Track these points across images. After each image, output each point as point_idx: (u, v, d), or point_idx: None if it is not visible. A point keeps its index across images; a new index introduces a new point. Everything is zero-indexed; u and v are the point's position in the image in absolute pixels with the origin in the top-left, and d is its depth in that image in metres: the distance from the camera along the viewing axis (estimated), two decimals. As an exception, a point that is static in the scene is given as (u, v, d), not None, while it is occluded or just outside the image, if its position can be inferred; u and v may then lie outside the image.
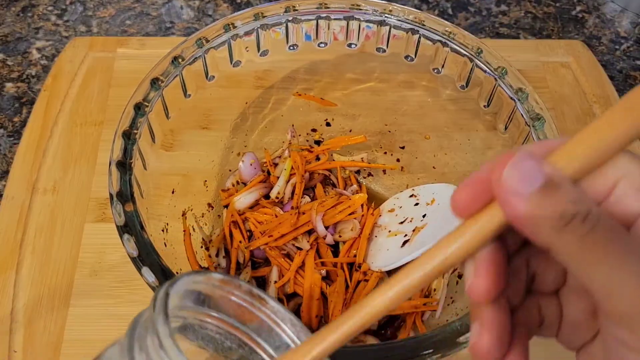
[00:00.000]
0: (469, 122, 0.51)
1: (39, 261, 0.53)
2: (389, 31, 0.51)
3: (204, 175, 0.54)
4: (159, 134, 0.46)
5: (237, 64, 0.50)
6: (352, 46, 0.52)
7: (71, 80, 0.66)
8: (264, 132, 0.57)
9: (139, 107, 0.43)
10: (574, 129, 0.63)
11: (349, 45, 0.52)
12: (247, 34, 0.49)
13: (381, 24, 0.50)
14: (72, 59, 0.67)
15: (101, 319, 0.50)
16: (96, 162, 0.60)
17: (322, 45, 0.52)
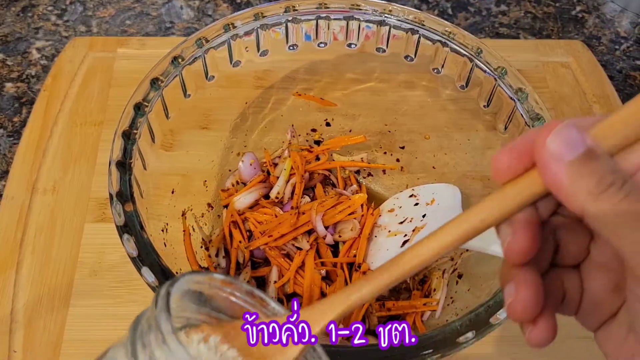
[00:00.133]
0: (469, 122, 0.51)
1: (39, 261, 0.53)
2: (389, 31, 0.50)
3: (204, 175, 0.54)
4: (159, 134, 0.46)
5: (237, 64, 0.50)
6: (352, 46, 0.52)
7: (71, 80, 0.66)
8: (264, 132, 0.57)
9: (139, 107, 0.43)
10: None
11: (349, 45, 0.52)
12: (247, 34, 0.49)
13: (381, 24, 0.50)
14: (72, 59, 0.68)
15: (101, 319, 0.50)
16: (96, 162, 0.60)
17: (322, 45, 0.52)
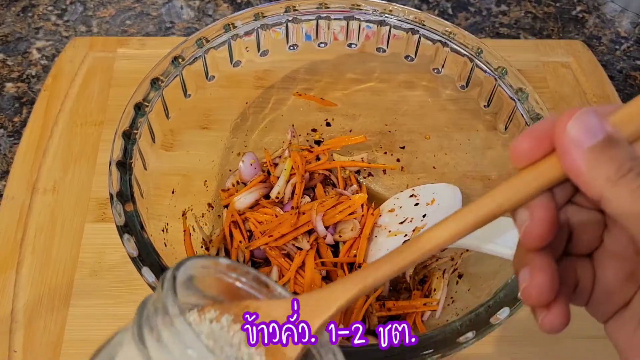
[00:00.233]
0: (469, 122, 0.51)
1: (39, 261, 0.53)
2: (389, 31, 0.50)
3: (204, 175, 0.54)
4: (159, 134, 0.46)
5: (237, 64, 0.50)
6: (352, 46, 0.52)
7: (71, 80, 0.66)
8: (264, 132, 0.57)
9: (139, 107, 0.43)
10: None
11: (349, 45, 0.52)
12: (247, 34, 0.49)
13: (381, 24, 0.50)
14: (72, 59, 0.67)
15: (101, 319, 0.50)
16: (96, 162, 0.60)
17: (322, 45, 0.52)
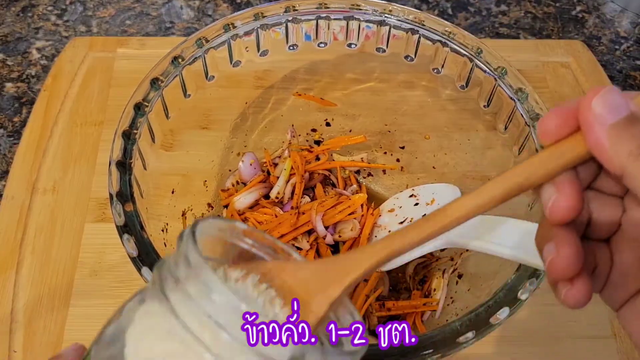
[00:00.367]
0: (469, 122, 0.51)
1: (39, 261, 0.53)
2: (389, 31, 0.50)
3: (204, 175, 0.54)
4: (159, 134, 0.46)
5: (237, 64, 0.50)
6: (352, 46, 0.52)
7: (71, 80, 0.66)
8: (264, 132, 0.57)
9: (139, 107, 0.43)
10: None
11: (349, 45, 0.52)
12: (247, 34, 0.49)
13: (381, 24, 0.50)
14: (72, 59, 0.68)
15: (101, 319, 0.49)
16: (96, 162, 0.60)
17: (322, 45, 0.52)
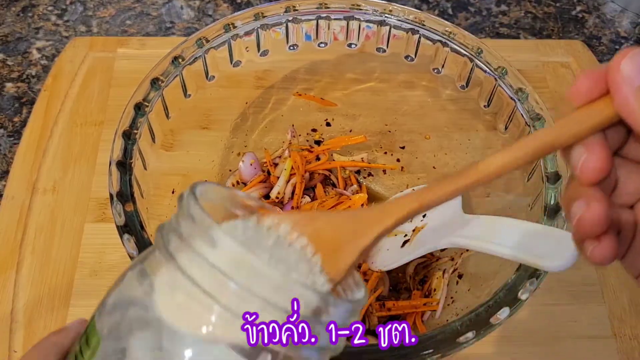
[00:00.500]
0: (469, 122, 0.51)
1: (39, 261, 0.53)
2: (389, 31, 0.50)
3: (204, 175, 0.54)
4: (159, 134, 0.46)
5: (237, 64, 0.50)
6: (352, 46, 0.52)
7: (71, 80, 0.66)
8: (264, 132, 0.57)
9: (139, 107, 0.43)
10: (574, 129, 0.63)
11: (349, 45, 0.52)
12: (247, 34, 0.49)
13: (381, 24, 0.50)
14: (72, 59, 0.67)
15: (101, 319, 0.50)
16: (96, 162, 0.60)
17: (322, 45, 0.52)
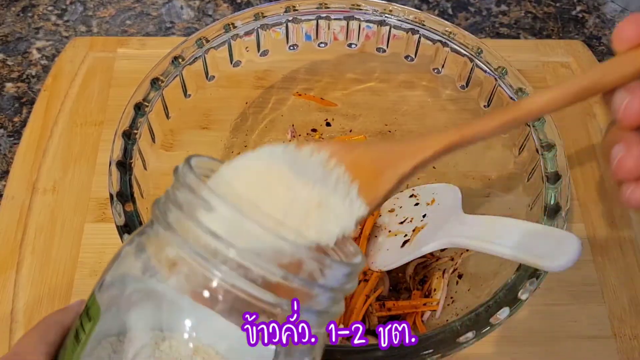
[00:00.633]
0: (469, 122, 0.51)
1: (39, 261, 0.53)
2: (389, 31, 0.50)
3: (204, 175, 0.54)
4: (159, 134, 0.46)
5: (237, 64, 0.50)
6: (352, 46, 0.52)
7: (71, 80, 0.66)
8: (264, 132, 0.57)
9: (139, 107, 0.43)
10: (574, 129, 0.63)
11: (349, 45, 0.52)
12: (247, 34, 0.49)
13: (381, 24, 0.50)
14: (72, 59, 0.67)
15: (101, 319, 0.50)
16: (96, 162, 0.60)
17: (322, 45, 0.52)
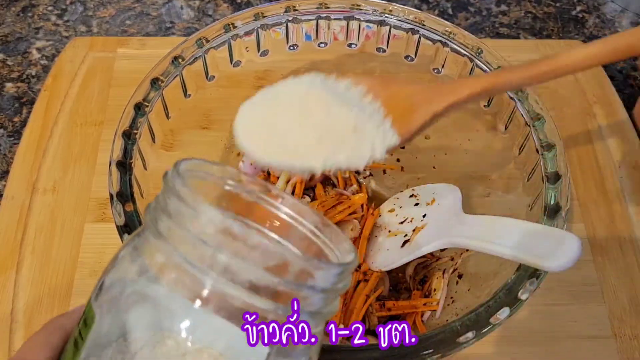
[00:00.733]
0: (469, 122, 0.51)
1: (39, 261, 0.53)
2: (389, 31, 0.50)
3: (204, 175, 0.54)
4: (159, 134, 0.46)
5: (237, 64, 0.50)
6: (353, 46, 0.52)
7: (71, 80, 0.66)
8: (264, 132, 0.57)
9: (139, 107, 0.43)
10: (574, 129, 0.63)
11: (349, 45, 0.52)
12: (247, 34, 0.49)
13: (381, 24, 0.50)
14: (72, 59, 0.68)
15: (101, 319, 0.50)
16: (96, 162, 0.60)
17: (322, 45, 0.52)
